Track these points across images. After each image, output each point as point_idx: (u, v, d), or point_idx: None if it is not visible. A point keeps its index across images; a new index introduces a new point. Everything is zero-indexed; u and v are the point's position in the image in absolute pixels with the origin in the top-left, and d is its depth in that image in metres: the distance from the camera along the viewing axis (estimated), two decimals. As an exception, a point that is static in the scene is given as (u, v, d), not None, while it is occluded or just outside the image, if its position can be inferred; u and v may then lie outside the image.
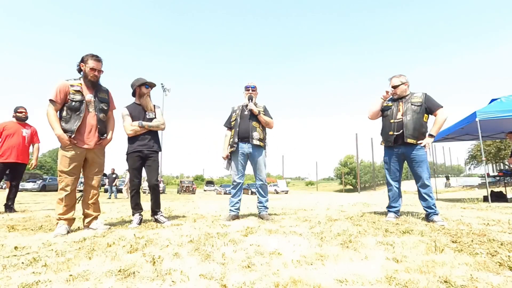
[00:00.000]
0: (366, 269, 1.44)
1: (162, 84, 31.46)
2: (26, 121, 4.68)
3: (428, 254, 1.69)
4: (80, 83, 2.61)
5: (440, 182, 24.18)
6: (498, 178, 8.29)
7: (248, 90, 3.43)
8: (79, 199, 2.79)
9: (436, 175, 16.34)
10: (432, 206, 2.95)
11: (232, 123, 3.42)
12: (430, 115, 3.10)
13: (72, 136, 2.51)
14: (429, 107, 3.02)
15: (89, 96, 2.61)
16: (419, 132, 2.99)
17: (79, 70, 2.66)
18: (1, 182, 21.07)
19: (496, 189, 7.38)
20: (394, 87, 3.12)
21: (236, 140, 3.29)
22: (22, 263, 1.58)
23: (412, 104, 3.04)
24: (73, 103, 2.53)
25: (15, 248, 1.93)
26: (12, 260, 1.64)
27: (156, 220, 3.08)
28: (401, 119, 3.06)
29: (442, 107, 3.00)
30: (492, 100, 6.21)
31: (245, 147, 3.29)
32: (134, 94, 3.22)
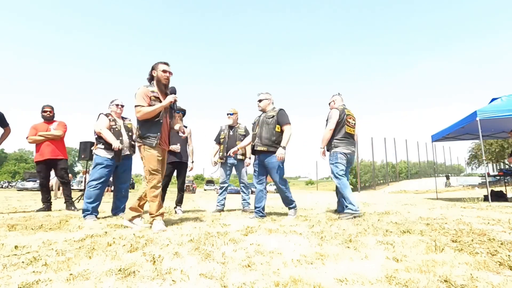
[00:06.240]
0: (366, 269, 1.44)
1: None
2: (52, 120, 4.76)
3: (428, 253, 1.69)
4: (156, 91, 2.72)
5: (440, 182, 24.19)
6: (498, 177, 8.29)
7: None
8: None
9: (436, 175, 16.32)
10: (289, 201, 3.55)
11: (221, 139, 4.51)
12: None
13: (158, 141, 2.67)
14: (279, 121, 3.38)
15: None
16: (270, 140, 3.34)
17: (150, 79, 2.76)
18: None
19: (496, 189, 7.37)
20: (259, 100, 3.58)
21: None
22: (23, 262, 1.58)
23: (266, 117, 3.44)
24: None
25: (15, 247, 1.93)
26: (13, 259, 1.64)
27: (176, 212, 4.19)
28: (257, 131, 3.49)
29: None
30: (493, 100, 6.20)
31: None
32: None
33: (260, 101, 3.58)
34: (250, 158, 4.40)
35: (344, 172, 3.53)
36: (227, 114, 4.50)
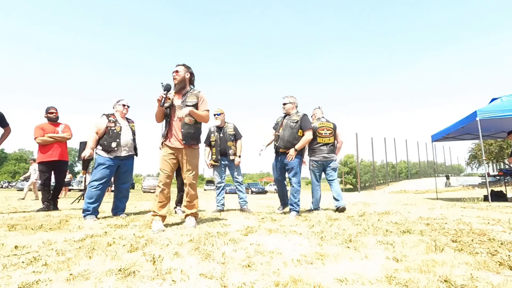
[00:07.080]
0: (366, 269, 1.44)
1: (162, 83, 31.35)
2: (57, 121, 4.79)
3: (428, 253, 1.69)
4: (175, 93, 2.90)
5: (440, 182, 24.18)
6: (498, 177, 8.28)
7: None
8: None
9: (436, 175, 16.32)
10: (293, 204, 3.62)
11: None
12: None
13: (164, 140, 2.82)
14: (301, 126, 3.65)
15: (178, 102, 2.84)
16: (291, 144, 3.62)
17: None
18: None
19: (496, 189, 7.37)
20: (284, 104, 3.83)
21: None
22: (23, 262, 1.58)
23: (290, 121, 3.69)
24: (165, 109, 2.84)
25: (16, 247, 1.93)
26: (13, 259, 1.64)
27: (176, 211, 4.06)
28: (280, 133, 3.74)
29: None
30: (493, 99, 6.20)
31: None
32: None
33: (284, 104, 3.81)
34: (240, 156, 4.46)
35: (316, 179, 4.18)
36: (214, 115, 4.44)
